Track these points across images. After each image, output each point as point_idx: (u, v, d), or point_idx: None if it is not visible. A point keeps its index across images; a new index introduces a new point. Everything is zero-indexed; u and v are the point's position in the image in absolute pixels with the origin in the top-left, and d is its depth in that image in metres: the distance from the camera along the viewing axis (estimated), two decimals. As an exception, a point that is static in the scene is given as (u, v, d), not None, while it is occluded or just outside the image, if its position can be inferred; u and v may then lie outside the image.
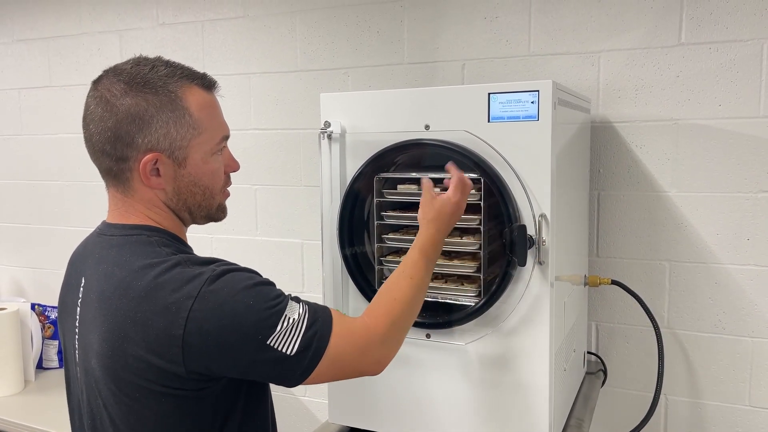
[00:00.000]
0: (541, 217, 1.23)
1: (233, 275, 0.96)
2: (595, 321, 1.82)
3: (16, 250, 2.72)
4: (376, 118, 1.37)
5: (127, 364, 0.95)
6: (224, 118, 1.10)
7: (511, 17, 1.81)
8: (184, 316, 0.91)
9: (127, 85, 0.99)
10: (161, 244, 1.01)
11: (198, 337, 0.92)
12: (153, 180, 1.01)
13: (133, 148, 0.99)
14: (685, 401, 1.76)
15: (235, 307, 0.93)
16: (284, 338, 0.94)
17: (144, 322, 0.93)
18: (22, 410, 2.06)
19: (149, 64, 1.02)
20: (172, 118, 0.99)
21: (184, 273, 0.95)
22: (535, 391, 1.29)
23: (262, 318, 0.94)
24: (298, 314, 0.97)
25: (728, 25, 1.61)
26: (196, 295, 0.92)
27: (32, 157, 2.60)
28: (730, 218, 1.66)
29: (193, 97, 1.02)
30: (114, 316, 0.95)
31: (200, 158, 1.04)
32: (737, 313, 1.68)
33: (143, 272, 0.95)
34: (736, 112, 1.62)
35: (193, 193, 1.05)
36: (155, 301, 0.93)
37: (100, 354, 0.98)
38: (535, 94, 1.21)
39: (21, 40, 2.57)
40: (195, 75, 1.05)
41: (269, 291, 0.98)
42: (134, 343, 0.93)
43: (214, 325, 0.92)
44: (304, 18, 2.07)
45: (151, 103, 0.98)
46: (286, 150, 2.14)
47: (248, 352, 0.94)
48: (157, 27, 2.30)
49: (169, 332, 0.92)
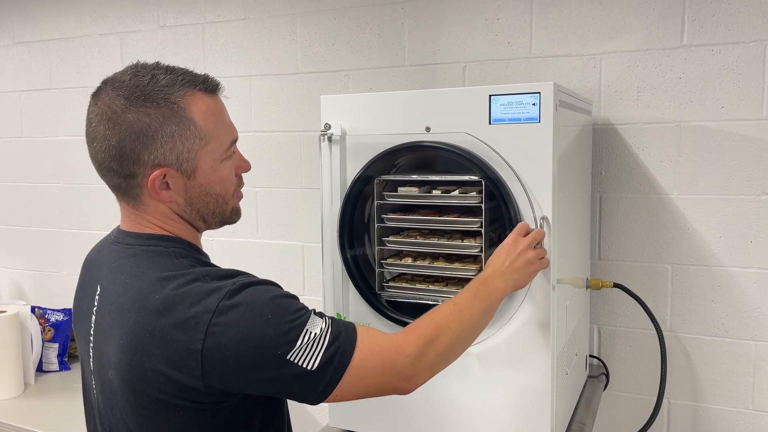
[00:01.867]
0: (542, 219, 1.23)
1: (253, 289, 0.94)
2: (597, 324, 1.81)
3: (17, 253, 2.71)
4: (376, 120, 1.36)
5: (146, 377, 0.93)
6: (231, 120, 1.07)
7: (513, 19, 1.81)
8: (203, 330, 0.90)
9: (127, 101, 0.96)
10: (179, 255, 0.99)
11: (217, 352, 0.90)
12: (163, 194, 1.00)
13: (139, 164, 0.97)
14: (688, 405, 1.74)
15: (254, 321, 0.91)
16: (305, 353, 0.91)
17: (163, 336, 0.91)
18: (21, 413, 2.05)
19: (148, 73, 0.98)
20: (177, 131, 0.97)
21: (204, 287, 0.93)
22: (537, 395, 1.28)
23: (282, 332, 0.91)
24: (320, 329, 0.94)
25: (730, 27, 1.60)
26: (214, 309, 0.90)
27: (33, 160, 2.60)
28: (733, 221, 1.65)
29: (196, 106, 0.99)
30: (132, 329, 0.94)
31: (209, 167, 1.01)
32: (740, 316, 1.67)
33: (161, 285, 0.94)
34: (739, 114, 1.62)
35: (206, 202, 1.03)
36: (174, 315, 0.91)
37: (118, 366, 0.96)
38: (537, 95, 1.21)
39: (21, 42, 2.57)
40: (197, 80, 1.01)
41: (290, 304, 0.95)
42: (153, 357, 0.92)
43: (233, 340, 0.90)
44: (305, 20, 2.07)
45: (153, 117, 0.95)
46: (287, 152, 2.14)
47: (267, 368, 0.91)
48: (157, 29, 2.29)
49: (188, 347, 0.90)
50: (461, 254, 1.36)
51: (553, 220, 1.23)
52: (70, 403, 2.08)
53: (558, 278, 1.28)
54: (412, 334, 1.02)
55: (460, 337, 1.07)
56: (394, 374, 0.98)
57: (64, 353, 2.41)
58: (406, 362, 0.99)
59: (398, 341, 1.00)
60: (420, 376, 1.01)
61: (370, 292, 1.40)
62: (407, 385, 1.00)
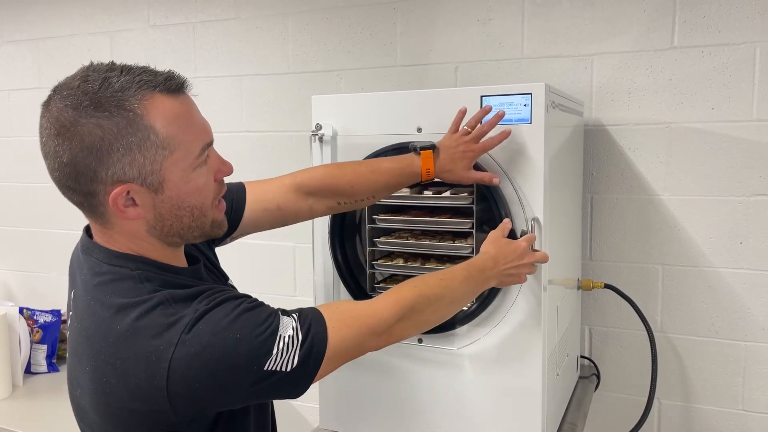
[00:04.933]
0: (533, 220, 1.23)
1: (215, 311, 0.87)
2: (589, 325, 1.82)
3: (5, 253, 2.69)
4: (368, 120, 1.35)
5: (110, 407, 0.89)
6: (203, 120, 0.95)
7: (505, 20, 1.81)
8: (165, 366, 0.83)
9: (75, 111, 0.85)
10: (144, 279, 0.90)
11: (184, 386, 0.84)
12: (130, 211, 0.89)
13: (97, 182, 0.87)
14: (679, 405, 1.75)
15: (223, 345, 0.85)
16: (282, 358, 0.88)
17: (124, 370, 0.86)
18: (9, 415, 2.03)
19: (99, 77, 0.86)
20: (134, 142, 0.85)
21: (165, 315, 0.86)
22: (528, 396, 1.28)
23: (255, 347, 0.87)
24: (291, 328, 0.90)
25: (721, 29, 1.61)
26: (176, 342, 0.84)
27: (22, 160, 2.58)
28: (724, 222, 1.66)
29: (156, 110, 0.86)
30: (96, 357, 0.89)
31: (179, 178, 0.90)
32: (730, 316, 1.68)
33: (123, 313, 0.87)
34: (729, 115, 1.62)
35: (179, 217, 0.92)
36: (135, 348, 0.85)
37: (86, 390, 0.92)
38: (528, 96, 1.21)
39: (10, 41, 2.54)
40: (156, 80, 0.88)
41: (257, 314, 0.90)
42: (116, 389, 0.87)
43: (200, 370, 0.84)
44: (297, 20, 2.06)
45: (106, 129, 0.84)
46: (278, 152, 2.13)
47: (245, 386, 0.87)
48: (148, 28, 2.28)
49: (152, 383, 0.84)
50: (452, 255, 1.35)
51: (545, 221, 1.23)
52: (59, 405, 2.06)
53: (549, 279, 1.28)
54: (390, 298, 1.02)
55: (438, 312, 1.09)
56: (369, 335, 0.98)
57: (52, 355, 2.39)
58: (382, 325, 0.99)
59: (375, 306, 1.00)
60: (392, 337, 1.02)
61: (362, 293, 1.39)
62: (379, 344, 1.01)
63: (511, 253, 1.18)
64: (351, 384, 1.43)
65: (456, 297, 1.11)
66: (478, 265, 1.16)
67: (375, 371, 1.40)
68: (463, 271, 1.13)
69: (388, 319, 1.00)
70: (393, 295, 1.03)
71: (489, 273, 1.16)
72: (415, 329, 1.06)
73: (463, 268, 1.14)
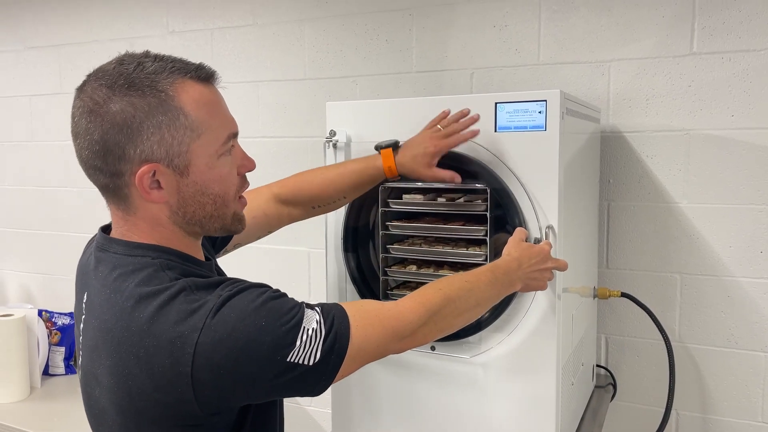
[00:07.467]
0: (548, 228, 1.22)
1: (240, 297, 0.87)
2: (605, 334, 1.80)
3: (26, 256, 2.73)
4: (381, 127, 1.36)
5: (134, 400, 0.88)
6: (230, 112, 0.98)
7: (521, 26, 1.80)
8: (190, 351, 0.83)
9: (110, 90, 0.88)
10: (165, 267, 0.91)
11: (208, 373, 0.84)
12: (154, 194, 0.90)
13: (125, 161, 0.88)
14: (697, 416, 1.72)
15: (247, 332, 0.84)
16: (305, 350, 0.87)
17: (148, 359, 0.85)
18: (27, 417, 2.05)
19: (134, 61, 0.90)
20: (164, 122, 0.87)
21: (188, 302, 0.86)
22: (542, 405, 1.26)
23: (279, 336, 0.86)
24: (315, 321, 0.89)
25: (741, 35, 1.59)
26: (201, 327, 0.84)
27: (42, 163, 2.61)
28: (743, 230, 1.63)
29: (187, 94, 0.89)
30: (117, 350, 0.88)
31: (205, 163, 0.91)
32: (750, 327, 1.65)
33: (145, 302, 0.87)
34: (750, 122, 1.60)
35: (202, 204, 0.93)
36: (158, 336, 0.85)
37: (106, 387, 0.92)
38: (543, 104, 1.20)
39: (32, 47, 2.59)
40: (188, 67, 0.91)
41: (282, 304, 0.89)
42: (139, 380, 0.86)
43: (226, 357, 0.84)
44: (313, 26, 2.07)
45: (138, 107, 0.87)
46: (294, 158, 2.14)
47: (268, 376, 0.86)
48: (166, 35, 2.30)
49: (176, 369, 0.84)
50: (466, 262, 1.35)
51: (559, 229, 1.22)
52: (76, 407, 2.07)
53: (564, 287, 1.27)
54: (416, 301, 1.00)
55: (463, 316, 1.07)
56: (393, 338, 0.97)
57: (70, 357, 2.42)
58: (407, 329, 0.98)
59: (399, 308, 0.99)
60: (415, 341, 1.00)
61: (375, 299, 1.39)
62: (401, 347, 0.99)
63: (536, 255, 1.18)
64: (363, 390, 1.42)
65: (481, 300, 1.10)
66: (503, 267, 1.14)
67: (387, 378, 1.39)
68: (489, 273, 1.12)
69: (414, 321, 0.98)
70: (418, 297, 1.02)
71: (514, 275, 1.14)
72: (439, 333, 1.04)
73: (489, 269, 1.13)
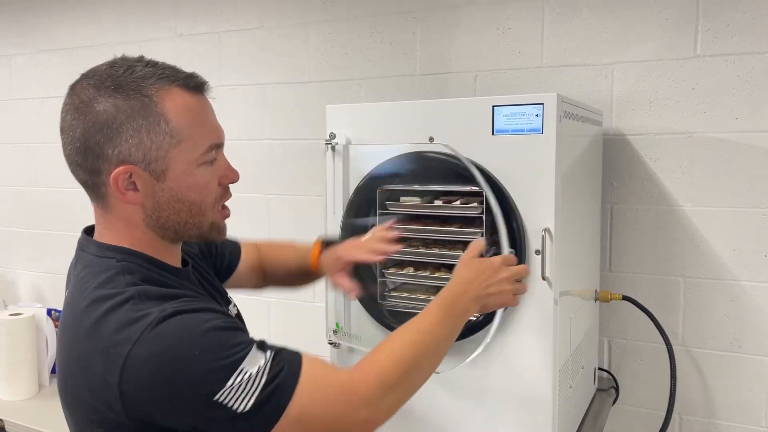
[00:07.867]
0: (544, 231, 1.21)
1: (185, 317, 0.84)
2: (608, 337, 1.79)
3: (37, 257, 2.77)
4: (381, 129, 1.36)
5: (75, 400, 0.89)
6: (217, 123, 0.98)
7: (524, 28, 1.80)
8: (120, 362, 0.81)
9: (96, 90, 0.89)
10: (126, 271, 0.90)
11: (135, 386, 0.81)
12: (129, 195, 0.91)
13: (103, 160, 0.89)
14: (700, 421, 1.71)
15: (179, 354, 0.81)
16: (237, 394, 0.81)
17: (86, 363, 0.85)
18: (35, 414, 2.08)
19: (125, 64, 0.91)
20: (144, 126, 0.88)
21: (132, 311, 0.84)
22: (538, 408, 1.26)
23: (211, 370, 0.81)
24: (258, 366, 0.82)
25: (745, 37, 1.57)
26: (136, 339, 0.81)
27: (54, 165, 2.64)
28: (747, 234, 1.62)
29: (172, 101, 0.90)
30: (68, 349, 0.90)
31: (182, 170, 0.91)
32: (754, 331, 1.63)
33: (96, 305, 0.87)
34: (754, 125, 1.58)
35: (177, 210, 0.93)
36: (96, 342, 0.84)
37: (59, 383, 0.94)
38: (540, 107, 1.20)
39: (44, 50, 2.62)
40: (178, 75, 0.93)
41: (227, 337, 0.84)
42: (79, 382, 0.87)
43: (151, 373, 0.81)
44: (318, 29, 2.08)
45: (121, 109, 0.88)
46: (299, 160, 2.15)
47: (193, 408, 0.82)
48: (175, 38, 2.33)
49: (106, 378, 0.82)
50: (464, 265, 1.35)
51: (556, 232, 1.22)
52: (83, 406, 2.11)
53: (561, 290, 1.27)
54: (369, 373, 0.92)
55: (423, 370, 0.99)
56: (346, 418, 0.88)
57: (79, 356, 2.44)
58: (361, 404, 0.89)
59: (353, 380, 0.91)
60: (379, 418, 0.92)
61: (372, 301, 1.39)
62: (364, 428, 0.91)
63: (486, 270, 1.11)
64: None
65: (439, 343, 1.02)
66: (450, 296, 1.07)
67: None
68: (438, 310, 1.04)
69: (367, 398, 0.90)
70: (370, 369, 0.92)
71: (464, 300, 1.07)
72: (403, 398, 0.96)
73: (437, 305, 1.05)
